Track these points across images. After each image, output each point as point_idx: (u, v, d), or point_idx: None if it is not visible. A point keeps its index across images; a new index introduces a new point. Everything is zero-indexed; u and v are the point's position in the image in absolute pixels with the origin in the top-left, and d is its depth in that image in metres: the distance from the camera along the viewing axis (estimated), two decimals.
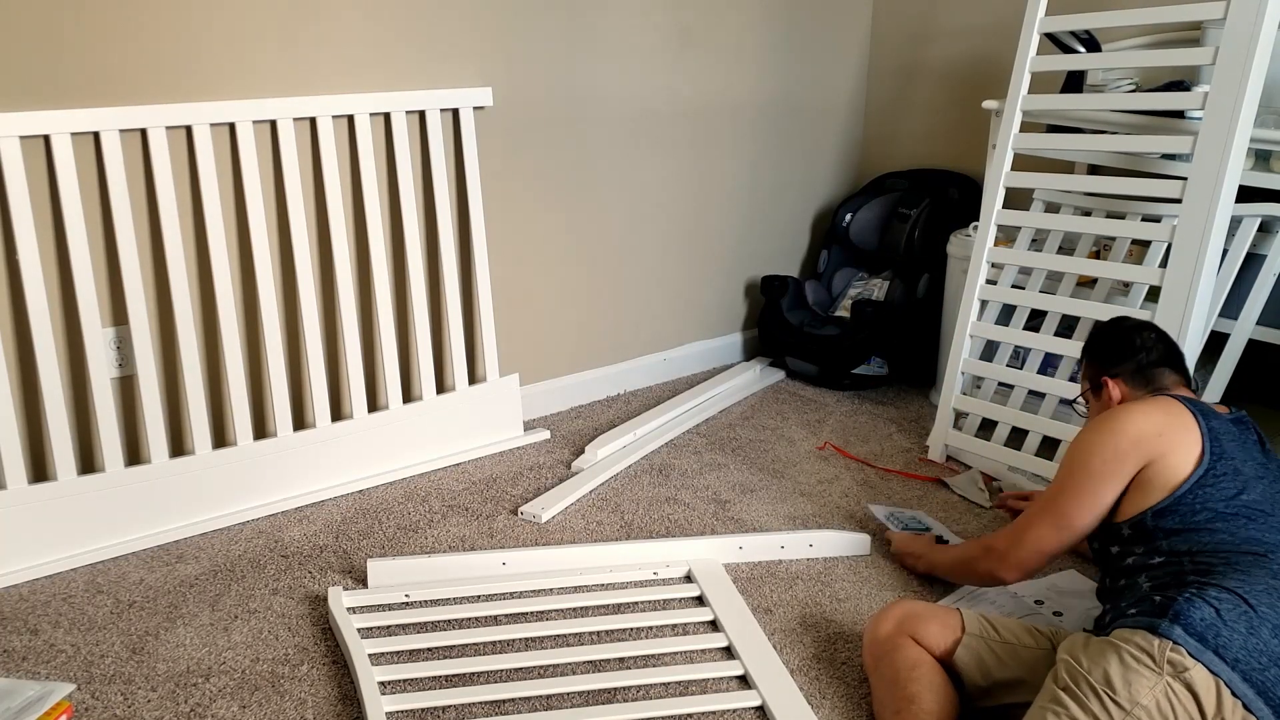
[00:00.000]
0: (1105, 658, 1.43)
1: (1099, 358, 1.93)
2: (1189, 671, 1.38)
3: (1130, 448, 1.68)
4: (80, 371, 2.23)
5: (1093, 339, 1.99)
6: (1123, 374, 1.87)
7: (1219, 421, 1.71)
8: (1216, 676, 1.38)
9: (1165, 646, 1.40)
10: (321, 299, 2.52)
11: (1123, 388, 1.87)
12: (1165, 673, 1.38)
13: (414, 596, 2.03)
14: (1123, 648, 1.43)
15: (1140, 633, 1.43)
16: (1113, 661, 1.42)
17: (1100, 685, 1.40)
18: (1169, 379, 1.86)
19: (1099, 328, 2.01)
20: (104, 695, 1.76)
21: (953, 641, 1.67)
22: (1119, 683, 1.40)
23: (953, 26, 3.36)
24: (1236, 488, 1.63)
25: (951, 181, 3.35)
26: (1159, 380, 1.85)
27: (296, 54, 2.36)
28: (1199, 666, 1.38)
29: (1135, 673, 1.39)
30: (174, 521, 2.30)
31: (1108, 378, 1.89)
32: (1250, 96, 2.17)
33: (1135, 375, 1.87)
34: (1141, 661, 1.40)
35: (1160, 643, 1.40)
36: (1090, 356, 1.96)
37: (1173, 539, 1.61)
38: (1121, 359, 1.89)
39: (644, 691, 1.77)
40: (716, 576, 2.11)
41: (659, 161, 3.12)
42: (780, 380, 3.35)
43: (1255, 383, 2.66)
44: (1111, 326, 1.98)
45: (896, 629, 1.71)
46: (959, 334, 2.71)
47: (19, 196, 2.06)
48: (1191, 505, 1.62)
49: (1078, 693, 1.42)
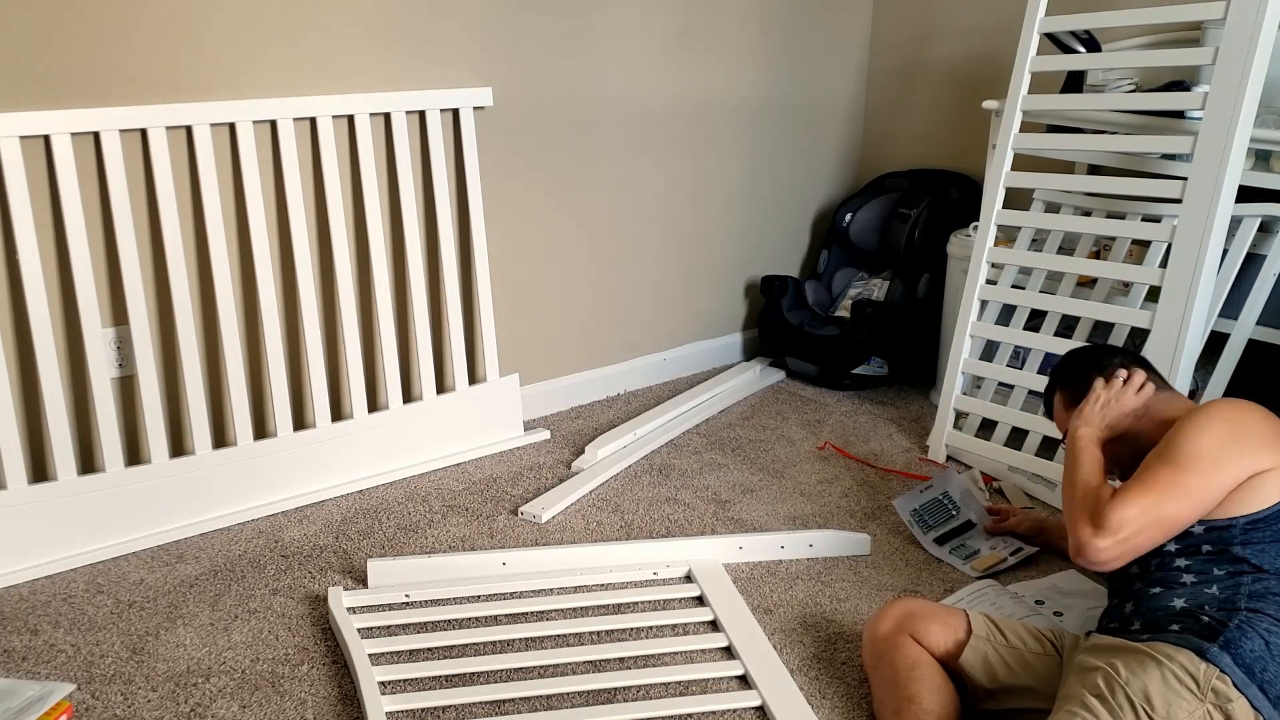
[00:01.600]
0: (1146, 671, 1.38)
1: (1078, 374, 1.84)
2: (1232, 704, 1.34)
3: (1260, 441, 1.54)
4: (80, 371, 2.23)
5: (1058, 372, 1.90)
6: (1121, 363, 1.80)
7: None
8: (1258, 712, 1.34)
9: (1212, 674, 1.36)
10: (321, 299, 2.52)
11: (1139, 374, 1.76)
12: (1208, 699, 1.34)
13: (414, 596, 2.03)
14: (1166, 665, 1.38)
15: (1185, 653, 1.38)
16: (1154, 677, 1.37)
17: (1139, 699, 1.36)
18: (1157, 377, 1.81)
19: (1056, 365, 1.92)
20: (104, 695, 1.76)
21: (955, 642, 1.65)
22: (1158, 701, 1.35)
23: (953, 26, 3.36)
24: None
25: (951, 181, 3.35)
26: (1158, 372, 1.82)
27: (296, 54, 2.36)
28: (1242, 700, 1.34)
29: (1176, 694, 1.35)
30: (174, 521, 2.30)
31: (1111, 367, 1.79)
32: (1250, 96, 2.17)
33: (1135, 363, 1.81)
34: (1185, 684, 1.36)
35: (1207, 669, 1.36)
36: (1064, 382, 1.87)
37: (1248, 552, 1.51)
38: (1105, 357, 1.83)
39: (644, 691, 1.77)
40: (716, 576, 2.11)
41: (659, 161, 3.12)
42: (780, 380, 3.35)
43: (1255, 383, 2.66)
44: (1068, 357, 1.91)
45: (896, 628, 1.69)
46: (959, 334, 2.71)
47: (19, 196, 2.06)
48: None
49: (1113, 703, 1.37)
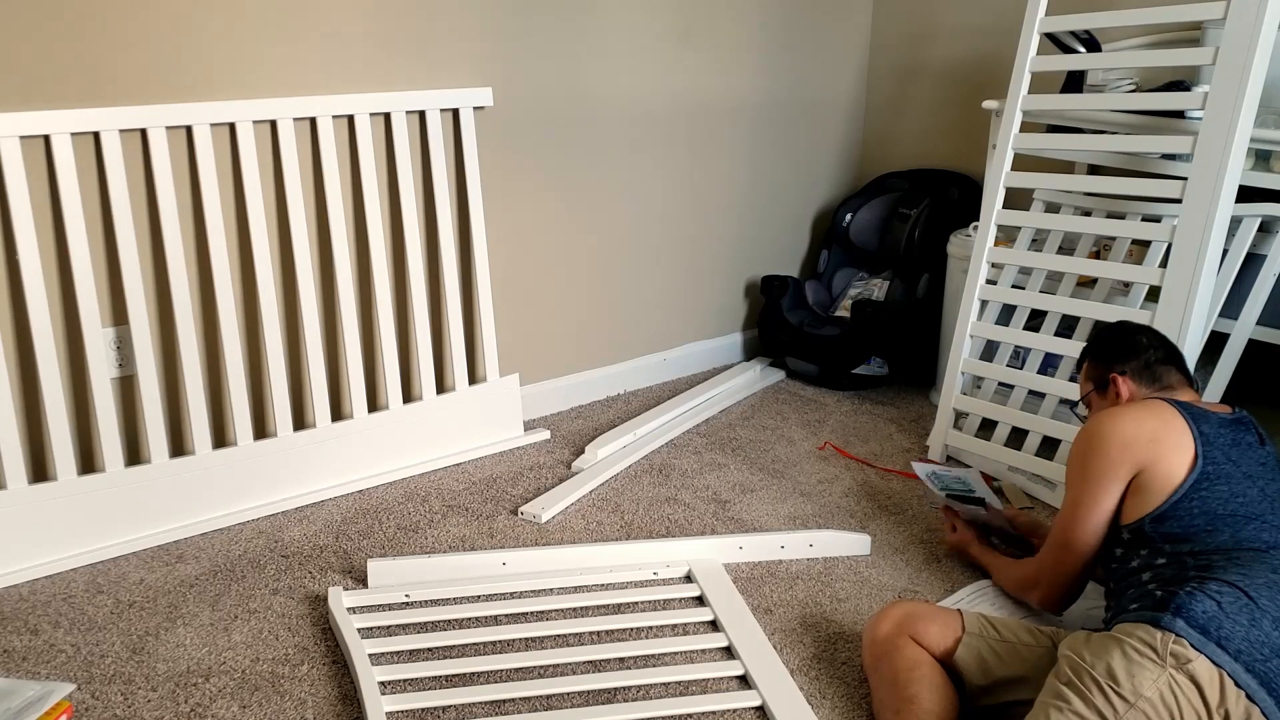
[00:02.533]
0: (1108, 651, 1.43)
1: (1105, 355, 1.93)
2: (1192, 663, 1.39)
3: (1119, 454, 1.69)
4: (80, 371, 2.23)
5: (1096, 338, 1.99)
6: (1130, 371, 1.87)
7: (1211, 424, 1.71)
8: (1219, 668, 1.39)
9: (1168, 639, 1.40)
10: (321, 299, 2.52)
11: (1130, 385, 1.86)
12: (1168, 665, 1.39)
13: (414, 596, 2.03)
14: (1125, 641, 1.43)
15: (1142, 626, 1.44)
16: (1115, 655, 1.42)
17: (1104, 678, 1.41)
18: (1175, 378, 1.86)
19: (1102, 328, 2.02)
20: (104, 695, 1.76)
21: (954, 641, 1.67)
22: (1122, 675, 1.40)
23: (953, 26, 3.36)
24: (1232, 490, 1.63)
25: (951, 181, 3.35)
26: (1165, 379, 1.86)
27: (296, 54, 2.36)
28: (1202, 658, 1.39)
29: (1138, 665, 1.40)
30: (174, 521, 2.30)
31: (1115, 374, 1.88)
32: (1250, 96, 2.17)
33: (1143, 372, 1.87)
34: (1144, 654, 1.41)
35: (1163, 635, 1.41)
36: (1095, 355, 1.96)
37: (1174, 543, 1.61)
38: (1129, 355, 1.89)
39: (644, 691, 1.77)
40: (716, 576, 2.11)
41: (659, 161, 3.12)
42: (780, 380, 3.35)
43: (1255, 383, 2.66)
44: (1116, 327, 2.00)
45: (896, 629, 1.71)
46: (959, 334, 2.71)
47: (19, 196, 2.06)
48: (1189, 509, 1.63)
49: (1081, 686, 1.42)
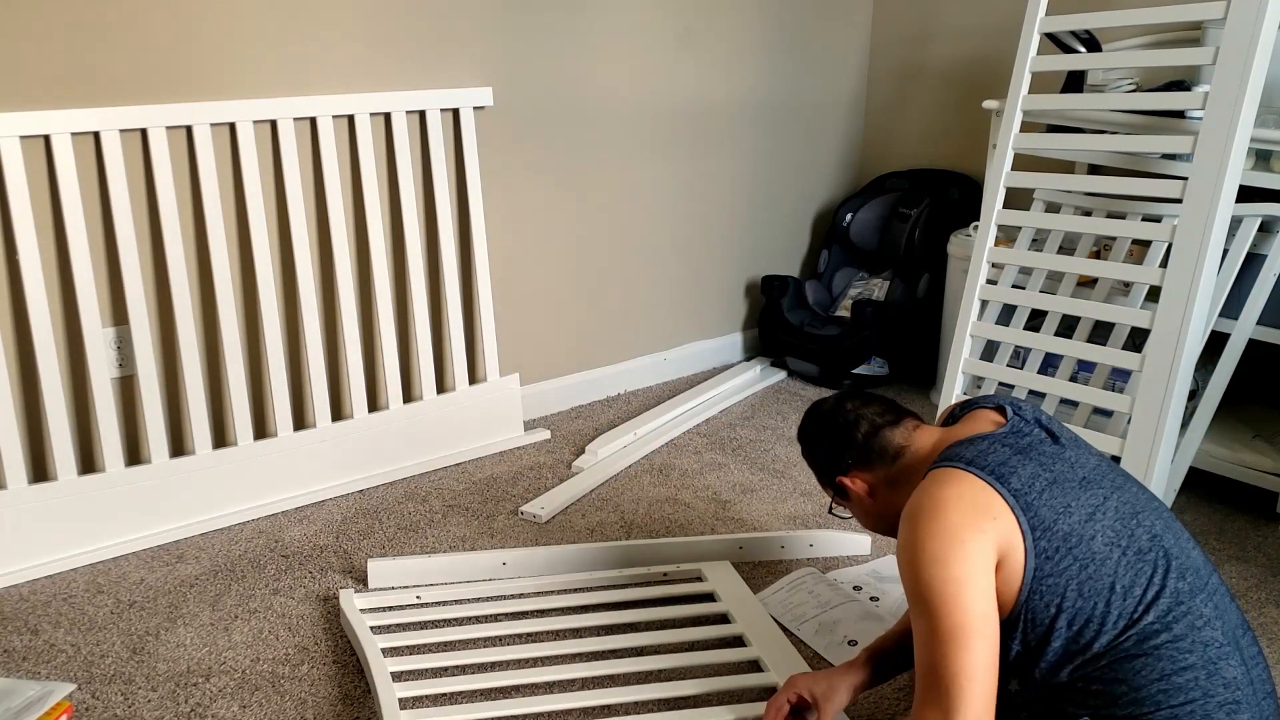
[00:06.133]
0: None
1: (820, 467, 1.64)
2: None
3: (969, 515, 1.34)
4: (80, 371, 2.23)
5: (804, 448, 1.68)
6: (853, 464, 1.58)
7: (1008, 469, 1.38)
8: None
9: None
10: (321, 299, 2.52)
11: (862, 478, 1.57)
12: None
13: (426, 597, 2.02)
14: None
15: None
16: None
17: None
18: (898, 435, 1.55)
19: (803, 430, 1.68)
20: (104, 695, 1.76)
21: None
22: None
23: (953, 26, 3.36)
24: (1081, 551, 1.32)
25: (951, 181, 3.35)
26: (891, 444, 1.55)
27: (296, 54, 2.36)
28: None
29: None
30: (174, 521, 2.30)
31: (841, 478, 1.59)
32: (1250, 96, 2.17)
33: (864, 457, 1.57)
34: None
35: None
36: (813, 467, 1.67)
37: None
38: (839, 451, 1.59)
39: (660, 675, 1.77)
40: (725, 574, 2.11)
41: (659, 161, 3.12)
42: (781, 380, 3.35)
43: (1255, 383, 2.66)
44: (811, 423, 1.67)
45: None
46: (959, 334, 2.70)
47: (19, 196, 2.06)
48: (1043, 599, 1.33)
49: None
